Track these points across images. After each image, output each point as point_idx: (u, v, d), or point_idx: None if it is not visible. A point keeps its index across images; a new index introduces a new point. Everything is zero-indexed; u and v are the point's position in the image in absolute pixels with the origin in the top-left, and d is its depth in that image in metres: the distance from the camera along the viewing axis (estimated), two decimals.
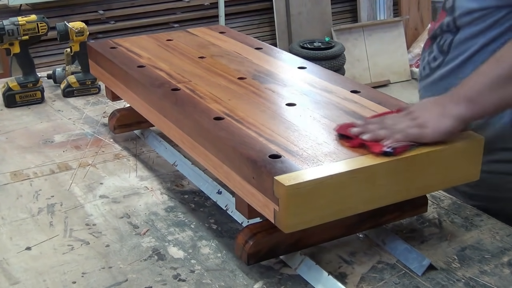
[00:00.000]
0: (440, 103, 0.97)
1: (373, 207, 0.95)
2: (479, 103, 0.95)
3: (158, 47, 1.47)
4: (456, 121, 0.95)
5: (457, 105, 0.95)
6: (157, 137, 1.43)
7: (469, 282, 0.96)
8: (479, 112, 0.96)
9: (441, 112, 0.96)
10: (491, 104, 0.95)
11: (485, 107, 0.95)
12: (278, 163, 0.90)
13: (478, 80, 0.96)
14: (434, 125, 0.95)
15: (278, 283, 0.96)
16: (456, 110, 0.95)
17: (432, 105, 0.98)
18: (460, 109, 0.95)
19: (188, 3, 4.52)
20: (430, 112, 0.97)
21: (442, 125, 0.95)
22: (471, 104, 0.94)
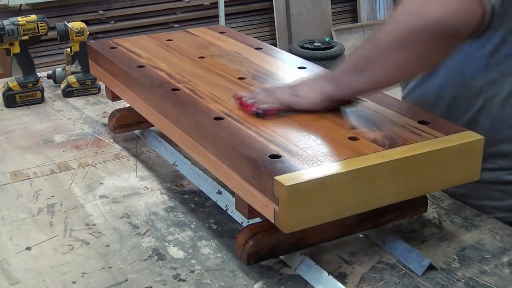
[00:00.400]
0: (316, 79, 1.10)
1: (373, 207, 0.96)
2: (341, 83, 1.04)
3: (158, 47, 1.47)
4: (323, 96, 1.06)
5: (326, 83, 1.06)
6: (157, 137, 1.43)
7: (469, 282, 0.96)
8: (341, 91, 1.05)
9: (314, 87, 1.08)
10: (350, 85, 1.03)
11: (345, 87, 1.04)
12: (278, 163, 0.90)
13: (344, 62, 1.06)
14: (306, 96, 1.07)
15: (278, 283, 0.96)
16: (324, 87, 1.06)
17: (310, 81, 1.10)
18: (327, 86, 1.06)
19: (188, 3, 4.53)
20: (307, 86, 1.09)
21: (312, 97, 1.06)
22: (335, 83, 1.05)
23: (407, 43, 0.92)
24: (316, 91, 1.06)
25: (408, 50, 0.93)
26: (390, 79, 0.99)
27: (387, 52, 0.95)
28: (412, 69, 0.98)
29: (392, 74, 0.98)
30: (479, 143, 0.99)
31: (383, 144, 0.96)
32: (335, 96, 1.05)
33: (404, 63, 0.95)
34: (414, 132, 1.00)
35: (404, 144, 0.96)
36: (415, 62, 0.95)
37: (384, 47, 0.95)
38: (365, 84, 1.01)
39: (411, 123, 1.03)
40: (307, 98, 1.07)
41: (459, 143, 0.97)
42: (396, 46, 0.93)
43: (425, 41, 0.91)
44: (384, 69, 0.97)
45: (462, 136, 0.99)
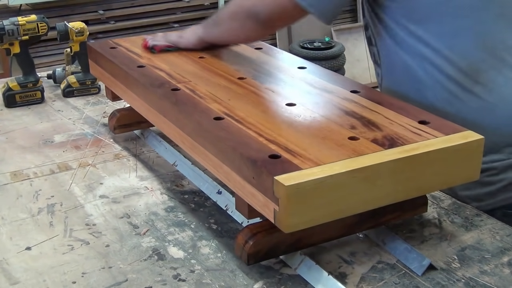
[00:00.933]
0: (197, 26, 1.45)
1: (373, 207, 0.95)
2: (206, 31, 1.42)
3: None
4: (196, 38, 1.42)
5: (200, 29, 1.43)
6: (157, 137, 1.43)
7: (469, 282, 0.96)
8: (206, 37, 1.42)
9: (193, 31, 1.44)
10: (211, 34, 1.41)
11: (208, 34, 1.41)
12: (278, 163, 0.90)
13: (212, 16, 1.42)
14: (186, 37, 1.44)
15: (278, 283, 0.96)
16: (199, 32, 1.43)
17: (194, 27, 1.46)
18: (200, 31, 1.43)
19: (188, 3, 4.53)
20: (190, 30, 1.45)
21: (190, 38, 1.43)
22: (204, 30, 1.42)
23: (236, 17, 1.32)
24: (194, 35, 1.43)
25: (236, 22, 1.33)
26: (226, 36, 1.40)
27: (229, 18, 1.35)
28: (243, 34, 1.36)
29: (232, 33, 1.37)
30: (479, 143, 0.99)
31: (383, 144, 0.96)
32: (205, 39, 1.42)
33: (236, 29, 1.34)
34: (414, 132, 1.00)
35: (404, 144, 0.96)
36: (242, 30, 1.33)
37: (229, 14, 1.35)
38: (216, 35, 1.41)
39: (411, 123, 1.03)
40: (186, 39, 1.43)
41: (459, 143, 0.97)
42: (232, 16, 1.34)
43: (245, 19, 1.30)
44: (225, 29, 1.38)
45: (462, 136, 0.99)
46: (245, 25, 1.31)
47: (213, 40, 1.42)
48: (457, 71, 1.19)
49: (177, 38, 1.44)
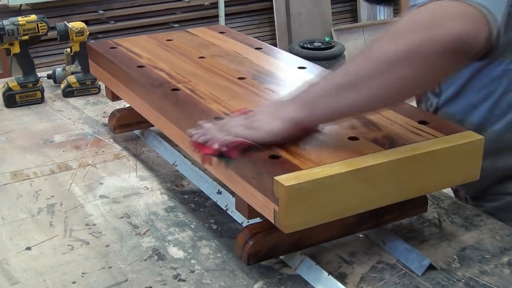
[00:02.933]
0: (277, 106, 0.96)
1: (373, 207, 0.95)
2: (312, 108, 0.92)
3: (158, 47, 1.47)
4: (286, 123, 0.93)
5: (291, 107, 0.93)
6: (157, 137, 1.43)
7: (469, 282, 0.96)
8: (310, 116, 0.92)
9: (274, 114, 0.94)
10: (323, 110, 0.92)
11: (317, 113, 0.92)
12: (278, 163, 0.90)
13: (317, 85, 0.93)
14: (263, 127, 0.94)
15: (278, 283, 0.96)
16: (289, 112, 0.93)
17: (270, 108, 0.98)
18: (292, 111, 0.93)
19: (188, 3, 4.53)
20: (266, 114, 0.96)
21: (271, 127, 0.93)
22: (305, 108, 0.92)
23: (416, 57, 0.83)
24: (277, 119, 0.94)
25: (416, 65, 0.83)
26: (385, 97, 0.88)
27: (391, 66, 0.84)
28: (414, 87, 0.88)
29: (390, 92, 0.87)
30: (479, 143, 0.99)
31: (383, 144, 0.96)
32: (304, 122, 0.93)
33: (407, 79, 0.85)
34: (414, 132, 1.00)
35: (404, 144, 0.96)
36: (420, 79, 0.86)
37: (387, 61, 0.84)
38: (349, 106, 0.90)
39: (411, 123, 1.03)
40: (264, 130, 0.94)
41: (459, 143, 0.97)
42: (403, 60, 0.83)
43: (436, 57, 0.83)
44: (380, 86, 0.86)
45: (462, 136, 0.99)
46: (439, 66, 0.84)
47: (336, 115, 0.94)
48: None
49: (245, 131, 0.94)
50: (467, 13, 0.82)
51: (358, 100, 0.88)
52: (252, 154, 0.93)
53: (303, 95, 0.94)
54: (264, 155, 0.92)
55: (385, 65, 0.84)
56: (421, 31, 0.83)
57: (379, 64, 0.85)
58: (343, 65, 0.91)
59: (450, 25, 0.81)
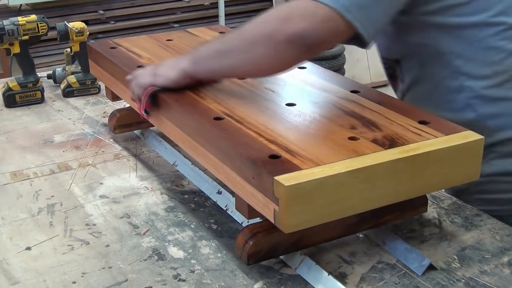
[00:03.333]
0: (177, 59, 1.20)
1: (373, 207, 0.95)
2: (197, 65, 1.14)
3: (158, 47, 1.47)
4: (180, 73, 1.15)
5: (185, 62, 1.15)
6: (157, 137, 1.43)
7: (469, 282, 0.96)
8: (198, 71, 1.15)
9: (173, 65, 1.17)
10: (208, 67, 1.14)
11: (200, 69, 1.14)
12: (278, 163, 0.90)
13: (204, 47, 1.16)
14: (164, 74, 1.17)
15: (278, 283, 0.96)
16: (182, 64, 1.15)
17: (171, 60, 1.21)
18: (184, 64, 1.15)
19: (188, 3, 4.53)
20: (167, 65, 1.19)
21: (170, 75, 1.16)
22: (192, 64, 1.14)
23: (269, 42, 1.03)
24: (174, 69, 1.16)
25: (268, 49, 1.03)
26: (245, 68, 1.11)
27: (251, 45, 1.06)
28: (269, 66, 1.08)
29: (251, 65, 1.09)
30: (479, 143, 0.99)
31: (383, 144, 0.96)
32: (190, 74, 1.15)
33: (263, 58, 1.05)
34: (414, 132, 1.00)
35: (404, 144, 0.96)
36: (273, 60, 1.06)
37: (250, 40, 1.06)
38: (222, 68, 1.12)
39: (411, 123, 1.03)
40: (165, 76, 1.16)
41: (459, 143, 0.97)
42: (260, 42, 1.04)
43: (282, 45, 1.02)
44: (244, 58, 1.08)
45: (462, 136, 0.99)
46: (285, 53, 1.03)
47: (212, 74, 1.18)
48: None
49: (150, 78, 1.18)
50: (316, 13, 0.99)
51: (228, 66, 1.11)
52: (252, 154, 0.93)
53: (194, 53, 1.17)
54: (264, 155, 0.93)
55: (248, 43, 1.06)
56: (276, 22, 1.03)
57: (245, 41, 1.07)
58: (226, 35, 1.19)
59: (296, 22, 1.00)
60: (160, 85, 1.16)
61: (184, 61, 1.16)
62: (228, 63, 1.10)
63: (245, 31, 1.08)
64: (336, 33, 1.02)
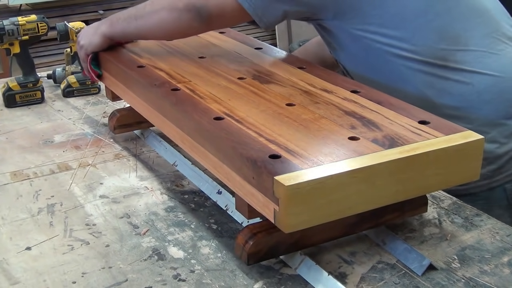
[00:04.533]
0: (96, 25, 1.41)
1: (373, 207, 0.95)
2: (116, 27, 1.37)
3: (158, 47, 1.47)
4: (101, 37, 1.38)
5: (103, 25, 1.38)
6: (157, 137, 1.43)
7: (469, 282, 0.96)
8: (115, 33, 1.38)
9: (93, 32, 1.39)
10: (123, 29, 1.36)
11: (116, 31, 1.37)
12: (278, 163, 0.90)
13: (122, 12, 1.37)
14: (87, 41, 1.40)
15: (278, 283, 0.96)
16: (101, 28, 1.38)
17: (90, 28, 1.43)
18: (104, 27, 1.38)
19: None
20: (87, 34, 1.41)
21: (92, 40, 1.39)
22: (110, 26, 1.38)
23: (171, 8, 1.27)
24: (95, 35, 1.38)
25: (170, 14, 1.28)
26: (151, 31, 1.34)
27: (157, 10, 1.29)
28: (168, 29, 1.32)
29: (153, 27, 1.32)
30: (479, 143, 0.99)
31: (383, 144, 0.96)
32: (109, 36, 1.38)
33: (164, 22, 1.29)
34: (414, 132, 1.00)
35: (404, 144, 0.96)
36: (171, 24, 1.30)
37: (157, 7, 1.30)
38: (134, 30, 1.35)
39: (411, 123, 1.03)
40: (88, 41, 1.38)
41: (459, 143, 0.97)
42: (165, 7, 1.28)
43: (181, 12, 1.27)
44: (150, 22, 1.31)
45: (462, 136, 0.99)
46: (182, 19, 1.27)
47: (126, 35, 1.40)
48: (425, 64, 1.25)
49: (82, 51, 1.42)
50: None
51: (138, 28, 1.34)
52: (252, 154, 0.93)
53: (112, 17, 1.38)
54: (264, 155, 0.93)
55: (155, 10, 1.30)
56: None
57: (152, 7, 1.31)
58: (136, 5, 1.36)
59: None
60: (87, 51, 1.40)
61: (103, 26, 1.38)
62: (138, 25, 1.33)
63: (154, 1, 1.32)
64: (224, 9, 1.25)
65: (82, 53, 1.41)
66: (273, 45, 1.82)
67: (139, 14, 1.32)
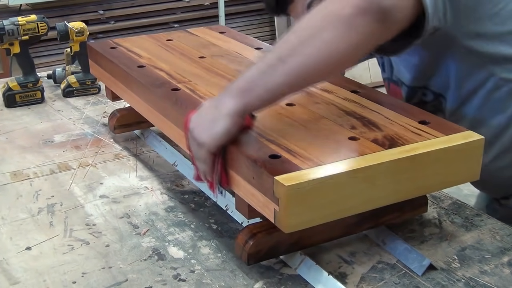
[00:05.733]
0: (213, 105, 0.93)
1: (373, 207, 0.95)
2: (251, 91, 0.90)
3: (158, 47, 1.47)
4: (229, 119, 0.90)
5: (228, 100, 0.90)
6: (157, 137, 1.43)
7: (469, 282, 0.96)
8: (251, 102, 0.91)
9: (212, 118, 0.92)
10: (264, 90, 0.89)
11: (256, 96, 0.90)
12: (278, 163, 0.90)
13: (250, 71, 0.91)
14: (212, 137, 0.92)
15: (278, 283, 0.96)
16: (227, 106, 0.90)
17: (206, 111, 0.95)
18: (231, 103, 0.90)
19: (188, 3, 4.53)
20: (203, 123, 0.94)
21: (218, 130, 0.91)
22: (243, 94, 0.90)
23: (335, 19, 0.85)
24: (216, 121, 0.92)
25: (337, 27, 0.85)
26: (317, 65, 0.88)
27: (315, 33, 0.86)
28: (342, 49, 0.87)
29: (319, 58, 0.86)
30: (479, 143, 0.99)
31: (383, 144, 0.96)
32: (241, 112, 0.91)
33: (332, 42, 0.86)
34: (414, 132, 1.00)
35: (404, 144, 0.96)
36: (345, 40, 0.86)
37: (311, 30, 0.87)
38: (287, 78, 0.88)
39: (411, 123, 1.03)
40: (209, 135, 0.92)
41: (459, 143, 0.97)
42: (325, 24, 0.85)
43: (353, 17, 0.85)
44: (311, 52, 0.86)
45: (462, 136, 0.99)
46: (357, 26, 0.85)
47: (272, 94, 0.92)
48: None
49: (201, 152, 0.95)
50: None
51: (294, 71, 0.87)
52: (252, 154, 0.93)
53: (238, 83, 0.92)
54: (264, 155, 0.92)
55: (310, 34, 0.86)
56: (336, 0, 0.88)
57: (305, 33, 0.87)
58: (278, 42, 0.92)
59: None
60: (213, 150, 0.93)
61: (226, 102, 0.91)
62: (292, 68, 0.87)
63: (301, 24, 0.89)
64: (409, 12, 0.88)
65: (204, 153, 0.94)
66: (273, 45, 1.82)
67: (285, 53, 0.87)
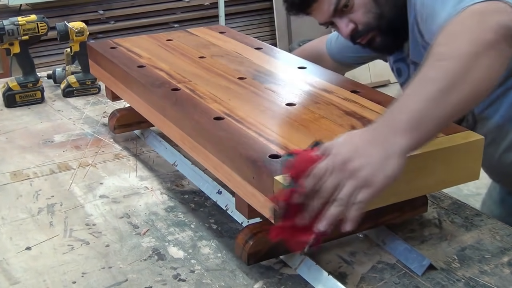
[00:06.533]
0: (378, 141, 0.82)
1: (373, 207, 0.95)
2: (421, 125, 0.82)
3: (158, 47, 1.47)
4: (402, 158, 0.82)
5: (399, 138, 0.81)
6: (157, 137, 1.43)
7: (469, 282, 0.96)
8: (423, 137, 0.83)
9: (383, 154, 0.81)
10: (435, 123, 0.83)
11: (427, 130, 0.83)
12: (278, 163, 0.90)
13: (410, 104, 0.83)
14: (382, 176, 0.81)
15: (278, 283, 0.96)
16: (399, 144, 0.81)
17: (368, 146, 0.82)
18: (403, 141, 0.81)
19: (188, 3, 4.53)
20: (370, 157, 0.82)
21: (389, 170, 0.81)
22: (415, 130, 0.82)
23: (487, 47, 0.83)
24: (389, 159, 0.81)
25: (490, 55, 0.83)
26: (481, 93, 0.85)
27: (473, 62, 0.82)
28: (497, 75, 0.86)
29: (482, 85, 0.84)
30: (479, 143, 0.99)
31: None
32: (413, 146, 0.83)
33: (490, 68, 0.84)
34: None
35: None
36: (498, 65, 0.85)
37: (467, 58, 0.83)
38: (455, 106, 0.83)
39: None
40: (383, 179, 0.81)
41: (459, 143, 0.97)
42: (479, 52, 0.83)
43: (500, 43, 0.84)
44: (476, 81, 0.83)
45: (462, 136, 0.99)
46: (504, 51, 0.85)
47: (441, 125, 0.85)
48: None
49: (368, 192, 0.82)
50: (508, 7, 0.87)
51: (462, 99, 0.83)
52: (252, 154, 0.93)
53: (402, 117, 0.82)
54: (264, 155, 0.93)
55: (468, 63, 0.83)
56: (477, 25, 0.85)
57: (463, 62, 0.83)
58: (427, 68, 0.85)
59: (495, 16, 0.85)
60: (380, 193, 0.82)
61: (398, 140, 0.81)
62: (461, 97, 0.82)
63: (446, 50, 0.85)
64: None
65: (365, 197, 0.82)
66: (273, 45, 1.82)
67: (451, 82, 0.81)
